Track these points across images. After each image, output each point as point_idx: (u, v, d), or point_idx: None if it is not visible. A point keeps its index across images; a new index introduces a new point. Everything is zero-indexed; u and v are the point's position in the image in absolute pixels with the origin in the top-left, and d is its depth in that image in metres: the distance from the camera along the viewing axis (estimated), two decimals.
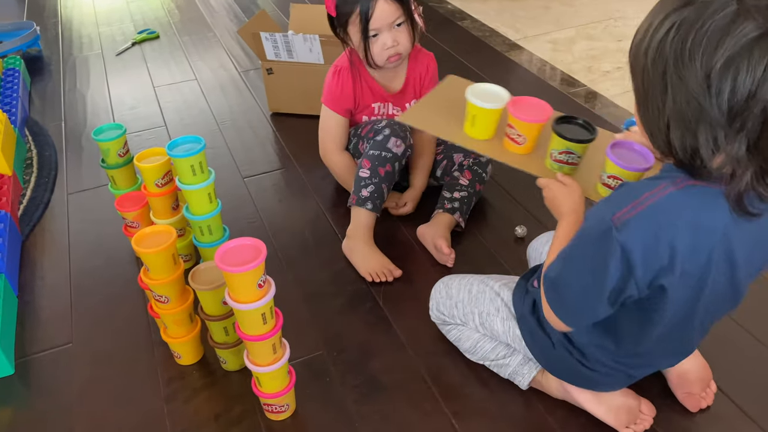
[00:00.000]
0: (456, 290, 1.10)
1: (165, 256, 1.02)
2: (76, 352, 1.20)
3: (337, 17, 1.32)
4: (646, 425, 1.00)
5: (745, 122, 0.62)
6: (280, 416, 1.05)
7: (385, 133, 1.35)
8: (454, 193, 1.42)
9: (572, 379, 1.00)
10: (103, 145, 1.30)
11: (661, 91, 0.67)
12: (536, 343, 0.99)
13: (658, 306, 0.79)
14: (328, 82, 1.43)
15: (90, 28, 2.70)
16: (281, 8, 2.78)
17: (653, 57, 0.67)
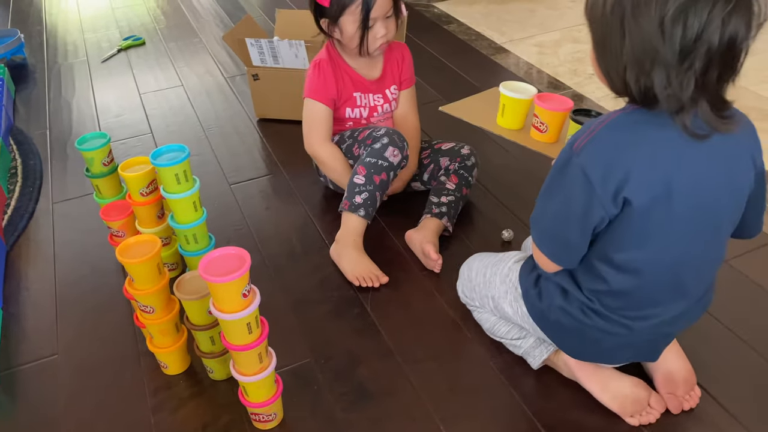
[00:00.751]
0: (474, 273, 1.16)
1: (149, 266, 1.02)
2: (61, 364, 1.19)
3: (331, 7, 1.32)
4: (652, 419, 1.01)
5: (693, 62, 0.72)
6: (268, 425, 1.05)
7: (384, 142, 1.35)
8: (441, 198, 1.43)
9: (580, 350, 1.01)
10: (87, 155, 1.29)
11: (619, 38, 0.75)
12: (540, 316, 1.01)
13: (631, 224, 0.83)
14: (309, 76, 1.45)
15: (75, 35, 2.68)
16: (267, 13, 2.78)
17: (612, 7, 0.75)
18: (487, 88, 2.05)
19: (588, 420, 1.03)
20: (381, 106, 1.50)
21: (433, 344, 1.18)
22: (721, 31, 0.70)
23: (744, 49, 0.73)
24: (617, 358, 1.02)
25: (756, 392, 1.07)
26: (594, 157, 0.81)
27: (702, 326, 1.17)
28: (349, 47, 1.40)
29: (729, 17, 0.70)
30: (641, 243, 0.85)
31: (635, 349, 1.00)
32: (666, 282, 0.90)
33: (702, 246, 0.88)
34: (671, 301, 0.92)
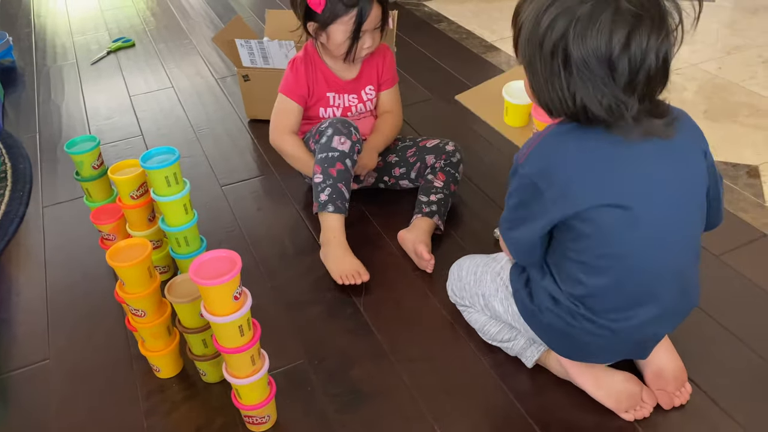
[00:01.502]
0: (465, 272, 1.16)
1: (140, 269, 1.01)
2: (53, 369, 1.19)
3: (323, 13, 1.32)
4: (645, 413, 1.02)
5: (636, 87, 0.80)
6: (261, 427, 1.05)
7: (328, 134, 1.36)
8: (430, 197, 1.43)
9: (568, 350, 1.02)
10: (76, 158, 1.29)
11: (564, 76, 0.81)
12: (529, 315, 1.02)
13: (586, 226, 0.87)
14: (285, 74, 1.47)
15: (64, 37, 2.67)
16: (257, 14, 2.77)
17: (550, 53, 0.81)
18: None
19: (581, 417, 1.03)
20: (355, 106, 1.50)
21: (427, 344, 1.18)
22: (656, 56, 0.79)
23: (670, 61, 0.82)
24: (607, 358, 1.03)
25: (747, 386, 1.07)
26: (537, 165, 0.88)
27: (693, 321, 1.18)
28: (333, 53, 1.41)
29: (662, 44, 0.79)
30: (602, 243, 0.88)
31: (624, 349, 1.01)
32: (640, 282, 0.91)
33: (669, 245, 0.90)
34: (650, 302, 0.93)
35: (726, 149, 1.70)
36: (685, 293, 0.96)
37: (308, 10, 1.34)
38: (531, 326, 1.03)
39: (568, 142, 0.87)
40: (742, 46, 2.26)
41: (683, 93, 1.99)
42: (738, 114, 1.87)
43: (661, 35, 0.79)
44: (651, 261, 0.90)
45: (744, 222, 1.42)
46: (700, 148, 0.91)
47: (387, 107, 1.54)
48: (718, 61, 2.17)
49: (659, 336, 1.01)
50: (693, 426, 1.01)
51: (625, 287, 0.91)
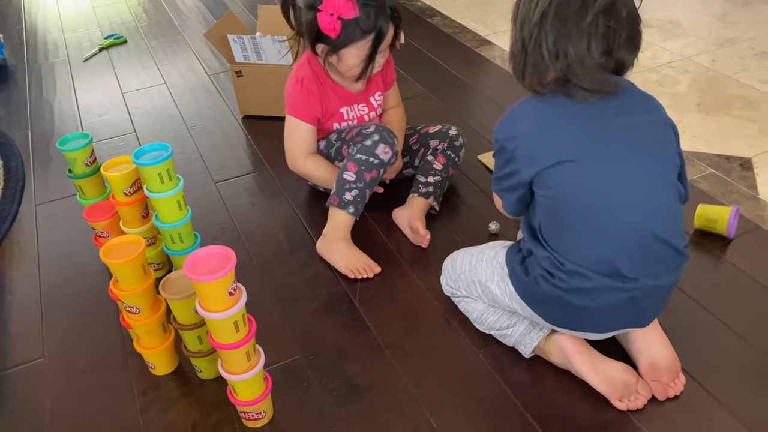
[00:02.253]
0: (460, 263, 1.17)
1: (134, 266, 1.01)
2: (48, 367, 1.18)
3: (338, 38, 1.27)
4: (639, 404, 1.02)
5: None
6: (258, 423, 1.05)
7: (375, 139, 1.34)
8: (428, 178, 1.45)
9: (566, 319, 1.03)
10: (69, 155, 1.28)
11: (551, 54, 0.93)
12: (526, 290, 1.04)
13: (557, 183, 0.96)
14: (292, 92, 1.40)
15: (55, 34, 2.65)
16: (250, 10, 2.76)
17: (535, 35, 0.94)
18: (472, 82, 2.06)
19: (577, 409, 1.04)
20: (367, 114, 1.48)
21: (422, 338, 1.18)
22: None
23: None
24: (605, 325, 1.03)
25: (740, 377, 1.08)
26: (505, 132, 1.00)
27: (685, 312, 1.19)
28: (341, 73, 1.36)
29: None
30: (566, 199, 0.96)
31: (621, 313, 1.01)
32: (605, 233, 0.96)
33: (633, 197, 0.95)
34: (621, 252, 0.96)
35: (719, 142, 1.71)
36: (670, 247, 0.97)
37: (321, 36, 1.29)
38: (528, 302, 1.05)
39: (528, 111, 0.99)
40: (735, 38, 2.26)
41: (676, 86, 1.99)
42: (731, 106, 1.87)
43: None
44: (609, 212, 0.95)
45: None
46: (660, 118, 1.00)
47: (393, 103, 1.54)
48: (710, 54, 2.17)
49: (656, 298, 1.01)
50: (687, 416, 1.02)
51: (592, 239, 0.96)
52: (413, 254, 1.37)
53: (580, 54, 0.90)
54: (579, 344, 1.05)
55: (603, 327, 1.04)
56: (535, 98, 0.99)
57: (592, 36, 0.90)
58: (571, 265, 0.97)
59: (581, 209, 0.96)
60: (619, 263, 0.96)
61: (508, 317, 1.12)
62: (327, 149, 1.46)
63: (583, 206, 0.95)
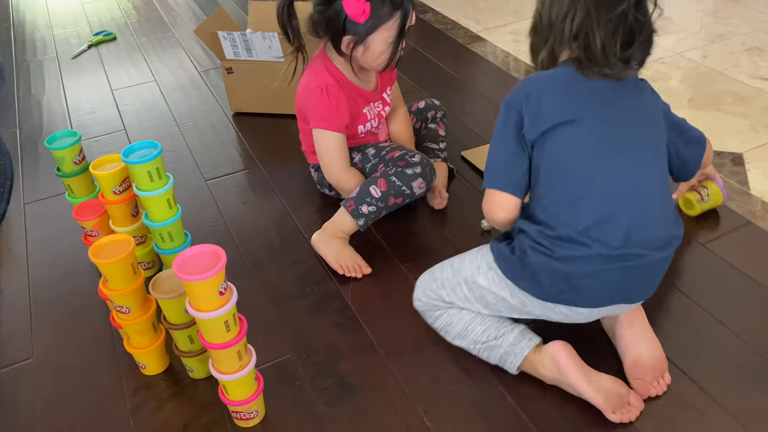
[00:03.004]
0: (440, 271, 1.14)
1: (123, 266, 1.00)
2: (37, 368, 1.17)
3: (366, 23, 1.23)
4: (632, 416, 1.01)
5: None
6: (250, 423, 1.04)
7: (416, 171, 1.33)
8: (440, 144, 1.55)
9: (557, 291, 1.00)
10: (57, 154, 1.27)
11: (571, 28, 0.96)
12: (513, 269, 1.03)
13: (561, 141, 0.98)
14: (317, 103, 1.33)
15: (44, 31, 2.63)
16: (240, 6, 2.74)
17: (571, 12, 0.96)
18: (464, 78, 2.06)
19: (572, 408, 1.03)
20: (383, 110, 1.47)
21: (415, 336, 1.18)
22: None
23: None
24: (593, 296, 1.01)
25: (731, 372, 1.08)
26: (522, 91, 1.01)
27: (678, 307, 1.19)
28: (366, 65, 1.32)
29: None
30: (558, 161, 0.99)
31: (609, 283, 0.99)
32: (609, 197, 0.97)
33: (624, 165, 0.98)
34: (621, 220, 0.96)
35: (710, 137, 1.69)
36: (653, 217, 0.99)
37: (344, 25, 1.24)
38: (516, 280, 1.02)
39: (537, 77, 1.02)
40: (726, 34, 2.27)
41: (668, 81, 2.00)
42: (722, 102, 1.87)
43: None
44: (606, 176, 0.97)
45: (729, 209, 1.43)
46: (659, 107, 1.06)
47: (396, 101, 1.53)
48: (702, 49, 2.17)
49: (639, 272, 1.00)
50: (680, 412, 1.02)
51: (585, 201, 0.97)
52: (406, 252, 1.37)
53: (604, 40, 0.93)
54: (572, 355, 1.03)
55: (592, 298, 1.01)
56: (547, 71, 1.02)
57: (620, 25, 0.93)
58: (563, 229, 0.97)
59: (580, 169, 0.98)
60: (611, 228, 0.96)
61: (496, 327, 1.08)
62: (362, 164, 1.42)
63: (583, 167, 0.98)
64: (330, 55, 1.35)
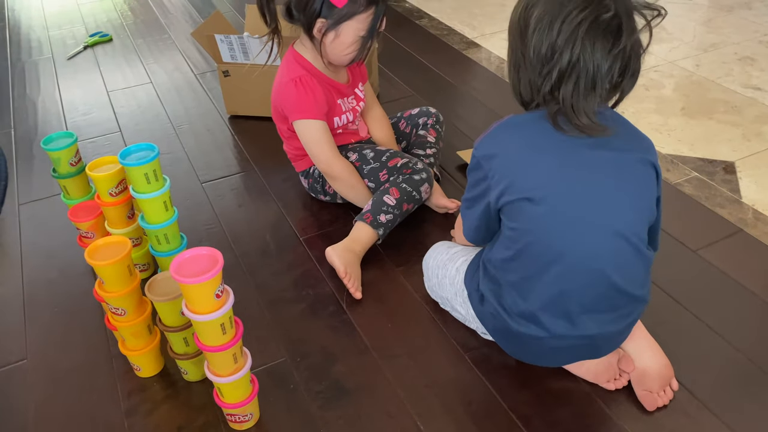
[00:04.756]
0: (431, 273, 1.20)
1: (119, 267, 1.00)
2: (31, 369, 1.17)
3: (343, 9, 1.25)
4: (624, 381, 1.06)
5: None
6: (244, 425, 1.04)
7: (423, 177, 1.37)
8: (426, 150, 1.53)
9: (521, 353, 1.07)
10: (53, 155, 1.27)
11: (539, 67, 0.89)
12: (483, 317, 1.07)
13: (524, 218, 0.93)
14: (293, 95, 1.35)
15: (39, 31, 2.62)
16: (237, 9, 2.75)
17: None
18: (460, 84, 2.07)
19: (563, 411, 1.04)
20: (357, 105, 1.48)
21: (409, 340, 1.18)
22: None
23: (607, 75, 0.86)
24: (557, 361, 1.07)
25: (724, 379, 1.09)
26: (485, 150, 0.96)
27: (670, 315, 1.20)
28: (334, 56, 1.34)
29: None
30: (521, 234, 0.94)
31: (572, 353, 1.04)
32: (556, 274, 0.94)
33: (598, 243, 0.92)
34: (583, 300, 0.95)
35: (703, 146, 1.73)
36: (618, 291, 0.96)
37: (322, 7, 1.26)
38: (486, 328, 1.08)
39: (512, 132, 0.95)
40: (719, 43, 2.29)
41: (661, 90, 2.01)
42: (714, 111, 1.89)
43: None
44: (564, 252, 0.93)
45: (720, 217, 1.44)
46: (646, 159, 0.94)
47: (370, 100, 1.54)
48: (694, 58, 2.19)
49: (608, 340, 1.02)
50: (672, 419, 1.03)
51: (547, 281, 0.95)
52: (400, 256, 1.37)
53: (597, 77, 0.85)
54: None
55: (553, 362, 1.08)
56: (520, 117, 0.95)
57: (616, 62, 0.86)
58: (524, 307, 0.97)
59: (543, 252, 0.93)
60: (572, 310, 0.96)
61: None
62: (360, 163, 1.42)
63: (546, 249, 0.93)
64: (300, 50, 1.38)
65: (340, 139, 1.47)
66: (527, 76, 0.91)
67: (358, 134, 1.51)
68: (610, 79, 0.87)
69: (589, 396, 1.06)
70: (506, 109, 1.83)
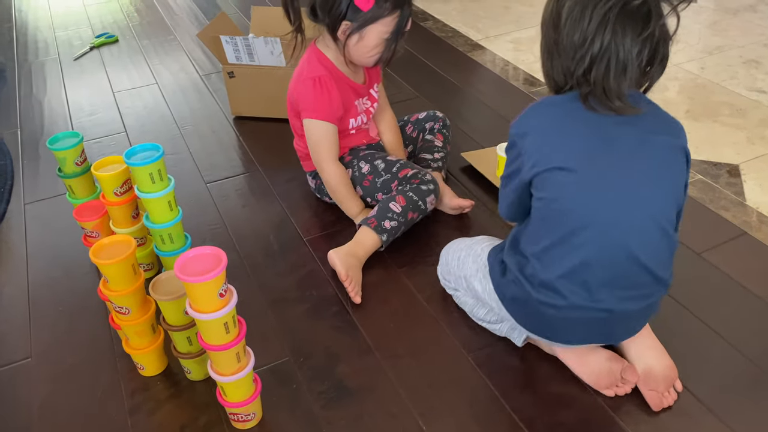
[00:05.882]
0: (450, 257, 1.21)
1: (124, 266, 1.01)
2: (35, 367, 1.17)
3: (370, 12, 1.24)
4: (628, 389, 1.04)
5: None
6: (247, 425, 1.04)
7: (430, 188, 1.38)
8: (434, 155, 1.55)
9: (536, 326, 1.05)
10: (59, 154, 1.28)
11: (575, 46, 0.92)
12: (500, 290, 1.07)
13: (553, 187, 0.95)
14: (309, 94, 1.35)
15: (46, 32, 2.64)
16: (242, 10, 2.76)
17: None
18: (464, 86, 2.08)
19: (566, 413, 1.04)
20: (372, 107, 1.48)
21: (412, 340, 1.18)
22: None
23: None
24: (573, 337, 1.04)
25: (728, 382, 1.09)
26: (520, 128, 0.98)
27: (673, 318, 1.20)
28: (358, 57, 1.33)
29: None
30: (552, 204, 0.96)
31: (588, 329, 1.02)
32: (581, 246, 0.95)
33: (624, 217, 0.93)
34: (593, 269, 0.95)
35: (707, 148, 1.72)
36: (640, 266, 0.96)
37: (348, 9, 1.25)
38: (503, 302, 1.07)
39: (544, 110, 0.98)
40: (724, 46, 2.29)
41: (665, 92, 2.01)
42: (719, 114, 1.89)
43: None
44: (589, 222, 0.94)
45: (725, 220, 1.44)
46: (676, 143, 0.97)
47: (383, 103, 1.54)
48: (699, 61, 2.19)
49: (623, 321, 1.01)
50: (675, 421, 1.03)
51: (570, 251, 0.95)
52: (403, 256, 1.38)
53: (628, 63, 0.88)
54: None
55: (571, 340, 1.06)
56: (554, 98, 0.98)
57: (645, 47, 0.88)
58: (541, 272, 0.98)
59: (569, 220, 0.95)
60: (592, 282, 0.96)
61: (496, 313, 1.14)
62: (373, 176, 1.42)
63: (572, 217, 0.94)
64: (322, 48, 1.37)
65: (353, 140, 1.48)
66: (560, 64, 0.94)
67: (368, 134, 1.52)
68: (639, 63, 0.89)
69: (593, 398, 1.06)
70: (511, 111, 1.84)
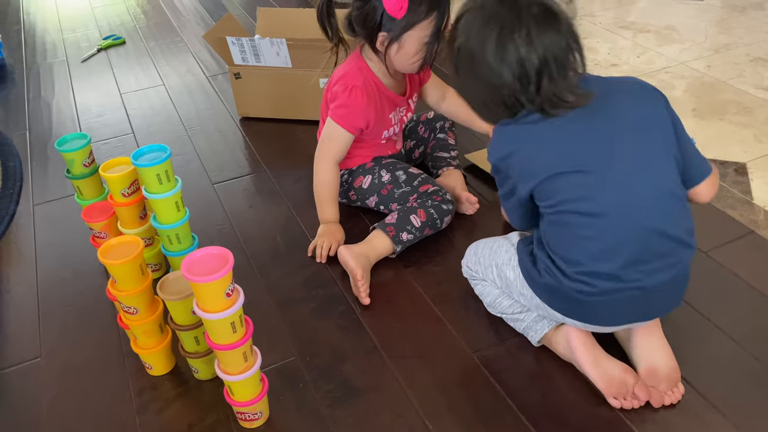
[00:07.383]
0: (482, 247, 1.22)
1: (132, 267, 1.01)
2: (44, 367, 1.18)
3: (402, 20, 1.22)
4: (635, 404, 1.03)
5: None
6: (254, 424, 1.05)
7: (449, 207, 1.39)
8: (451, 152, 1.57)
9: (570, 310, 1.05)
10: (67, 156, 1.29)
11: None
12: (531, 279, 1.07)
13: (554, 193, 0.98)
14: (343, 99, 1.34)
15: (54, 34, 2.66)
16: (249, 12, 2.77)
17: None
18: None
19: (572, 414, 1.04)
20: (405, 115, 1.48)
21: (418, 340, 1.19)
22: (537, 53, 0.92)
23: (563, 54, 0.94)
24: (610, 320, 1.05)
25: (734, 381, 1.08)
26: (497, 154, 1.03)
27: (680, 316, 1.19)
28: (400, 65, 1.31)
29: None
30: (563, 201, 0.98)
31: (626, 309, 1.02)
32: (613, 237, 0.96)
33: (631, 197, 0.95)
34: (630, 254, 0.97)
35: (714, 147, 1.72)
36: (662, 236, 0.97)
37: (381, 20, 1.24)
38: (535, 291, 1.07)
39: (514, 130, 1.00)
40: (731, 44, 2.28)
41: (672, 91, 2.01)
42: (726, 112, 1.88)
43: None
44: (607, 217, 0.96)
45: (732, 219, 1.44)
46: (647, 99, 1.01)
47: (441, 89, 1.53)
48: (706, 59, 2.18)
49: (657, 289, 1.01)
50: (680, 419, 1.03)
51: (591, 244, 0.97)
52: (409, 256, 1.38)
53: (563, 58, 0.93)
54: (585, 338, 1.07)
55: (609, 321, 1.06)
56: (514, 120, 1.00)
57: (568, 36, 0.94)
58: (573, 271, 0.99)
59: (579, 218, 0.97)
60: (620, 266, 0.97)
61: (520, 305, 1.14)
62: (392, 186, 1.42)
63: (581, 214, 0.97)
64: (366, 57, 1.35)
65: (380, 149, 1.48)
66: (506, 99, 0.97)
67: (394, 146, 1.52)
68: (571, 52, 0.94)
69: (599, 397, 1.06)
70: None
